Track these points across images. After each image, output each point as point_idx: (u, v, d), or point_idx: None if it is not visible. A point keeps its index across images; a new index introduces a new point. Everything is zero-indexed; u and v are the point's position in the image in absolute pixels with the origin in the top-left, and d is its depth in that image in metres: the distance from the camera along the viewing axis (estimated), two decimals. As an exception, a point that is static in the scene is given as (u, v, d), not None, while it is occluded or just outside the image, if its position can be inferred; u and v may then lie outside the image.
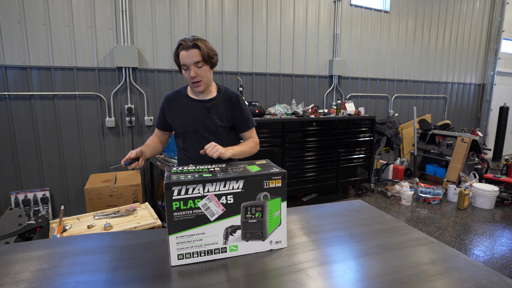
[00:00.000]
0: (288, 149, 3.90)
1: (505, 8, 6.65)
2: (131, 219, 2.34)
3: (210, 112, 1.60)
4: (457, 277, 1.04)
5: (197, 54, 1.45)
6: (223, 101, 1.63)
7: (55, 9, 3.21)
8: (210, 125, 1.60)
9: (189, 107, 1.62)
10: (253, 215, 1.11)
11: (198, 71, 1.49)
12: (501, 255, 2.94)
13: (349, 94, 5.26)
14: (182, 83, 3.91)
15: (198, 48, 1.45)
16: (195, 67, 1.47)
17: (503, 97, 7.13)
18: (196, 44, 1.44)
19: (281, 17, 4.46)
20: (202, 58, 1.46)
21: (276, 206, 1.14)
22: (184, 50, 1.45)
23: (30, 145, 3.30)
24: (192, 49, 1.44)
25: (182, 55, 1.46)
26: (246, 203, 1.10)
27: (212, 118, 1.60)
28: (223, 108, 1.62)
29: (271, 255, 1.16)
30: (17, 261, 1.09)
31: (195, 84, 1.53)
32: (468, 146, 4.77)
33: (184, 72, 1.51)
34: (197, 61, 1.46)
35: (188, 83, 1.57)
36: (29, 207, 3.32)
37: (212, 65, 1.54)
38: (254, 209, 1.11)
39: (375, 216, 1.59)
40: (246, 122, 1.68)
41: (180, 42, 1.47)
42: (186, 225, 1.05)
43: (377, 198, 4.48)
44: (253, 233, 1.13)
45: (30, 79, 3.20)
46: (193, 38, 1.47)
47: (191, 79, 1.50)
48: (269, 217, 1.14)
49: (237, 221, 1.10)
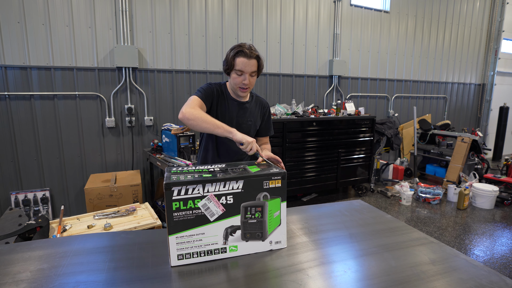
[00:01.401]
0: (288, 149, 3.90)
1: (505, 8, 6.65)
2: (131, 219, 2.34)
3: (246, 114, 1.72)
4: (457, 277, 1.04)
5: (256, 65, 1.56)
6: (256, 105, 1.77)
7: (55, 9, 3.21)
8: (244, 126, 1.71)
9: (230, 105, 1.69)
10: (253, 215, 1.11)
11: (251, 79, 1.59)
12: (501, 255, 2.94)
13: (349, 94, 5.27)
14: (182, 83, 3.91)
15: (258, 61, 1.56)
16: (249, 76, 1.57)
17: (503, 97, 7.13)
18: (258, 56, 1.57)
19: (281, 17, 4.46)
20: (258, 70, 1.59)
21: (276, 206, 1.14)
22: (245, 58, 1.53)
23: (30, 145, 3.30)
24: (254, 59, 1.55)
25: (242, 62, 1.53)
26: (246, 203, 1.10)
27: (247, 120, 1.72)
28: (256, 112, 1.76)
29: (271, 255, 1.16)
30: (17, 261, 1.09)
31: (243, 90, 1.61)
32: (468, 146, 4.77)
33: (236, 77, 1.57)
34: (253, 71, 1.56)
35: (234, 86, 1.62)
36: (29, 207, 3.32)
37: (258, 75, 1.66)
38: (254, 209, 1.11)
39: (375, 216, 1.59)
40: (269, 129, 1.86)
41: (241, 49, 1.53)
42: (186, 226, 1.05)
43: (377, 198, 4.48)
44: (253, 233, 1.13)
45: (30, 79, 3.20)
46: (252, 48, 1.54)
47: (243, 85, 1.58)
48: (269, 218, 1.14)
49: (237, 222, 1.10)
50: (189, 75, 3.95)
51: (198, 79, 4.00)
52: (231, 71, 1.57)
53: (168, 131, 3.36)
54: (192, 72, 3.96)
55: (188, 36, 3.87)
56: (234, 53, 1.53)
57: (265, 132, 1.85)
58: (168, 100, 3.88)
